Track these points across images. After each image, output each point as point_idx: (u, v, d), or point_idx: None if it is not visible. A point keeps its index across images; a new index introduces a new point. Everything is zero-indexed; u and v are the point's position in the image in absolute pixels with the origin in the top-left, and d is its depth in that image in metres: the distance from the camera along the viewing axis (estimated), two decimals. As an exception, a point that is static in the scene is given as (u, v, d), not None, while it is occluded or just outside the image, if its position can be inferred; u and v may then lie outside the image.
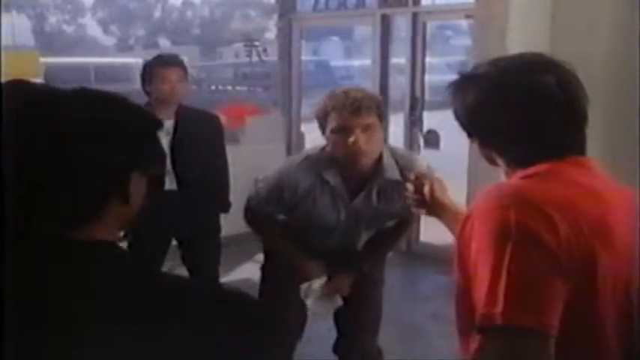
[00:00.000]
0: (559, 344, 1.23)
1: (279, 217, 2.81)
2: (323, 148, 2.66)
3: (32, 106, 1.03)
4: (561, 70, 1.42)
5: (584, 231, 1.30)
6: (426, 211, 2.04)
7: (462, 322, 1.42)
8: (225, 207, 3.98)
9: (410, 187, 2.06)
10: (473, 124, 1.47)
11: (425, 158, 2.85)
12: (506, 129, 1.43)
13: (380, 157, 2.62)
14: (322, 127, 2.58)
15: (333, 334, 3.10)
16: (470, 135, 1.50)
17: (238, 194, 3.94)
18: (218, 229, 3.96)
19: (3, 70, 4.42)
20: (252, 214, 2.83)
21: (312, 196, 2.66)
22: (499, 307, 1.21)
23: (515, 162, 1.45)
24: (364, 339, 3.02)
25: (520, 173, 1.43)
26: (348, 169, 2.60)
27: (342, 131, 2.49)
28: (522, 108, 1.40)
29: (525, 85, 1.40)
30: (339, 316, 3.02)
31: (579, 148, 1.44)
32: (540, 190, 1.35)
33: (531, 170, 1.41)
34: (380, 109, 2.55)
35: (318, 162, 2.65)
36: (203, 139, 3.75)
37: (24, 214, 1.01)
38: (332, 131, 2.52)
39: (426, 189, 1.99)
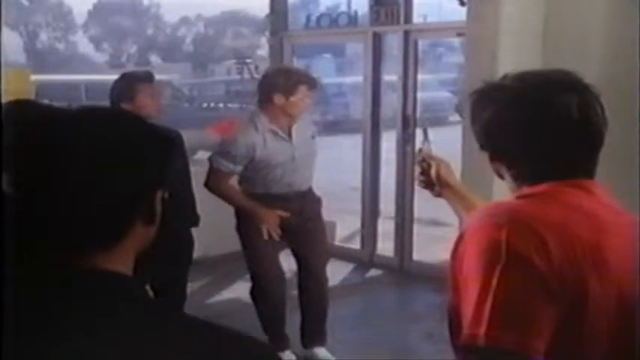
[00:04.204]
0: None
1: (237, 170, 3.89)
2: (251, 116, 3.98)
3: (49, 126, 0.99)
4: (586, 93, 1.40)
5: (577, 255, 1.29)
6: (433, 192, 2.04)
7: (455, 340, 1.41)
8: (196, 221, 3.94)
9: (417, 168, 2.07)
10: (486, 135, 1.46)
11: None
12: (518, 144, 1.42)
13: None
14: (287, 93, 3.78)
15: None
16: (482, 147, 1.48)
17: (228, 211, 3.94)
18: (191, 244, 3.90)
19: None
20: (214, 178, 3.87)
21: (266, 145, 3.81)
22: (483, 328, 1.22)
23: (522, 178, 1.43)
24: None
25: (517, 193, 1.42)
26: (287, 121, 3.88)
27: (304, 95, 3.84)
28: (537, 126, 1.39)
29: (544, 103, 1.39)
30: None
31: (588, 171, 1.43)
32: (535, 211, 1.34)
33: (528, 190, 1.40)
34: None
35: (261, 122, 3.84)
36: None
37: (37, 239, 0.97)
38: (299, 97, 3.80)
39: (433, 171, 2.00)
